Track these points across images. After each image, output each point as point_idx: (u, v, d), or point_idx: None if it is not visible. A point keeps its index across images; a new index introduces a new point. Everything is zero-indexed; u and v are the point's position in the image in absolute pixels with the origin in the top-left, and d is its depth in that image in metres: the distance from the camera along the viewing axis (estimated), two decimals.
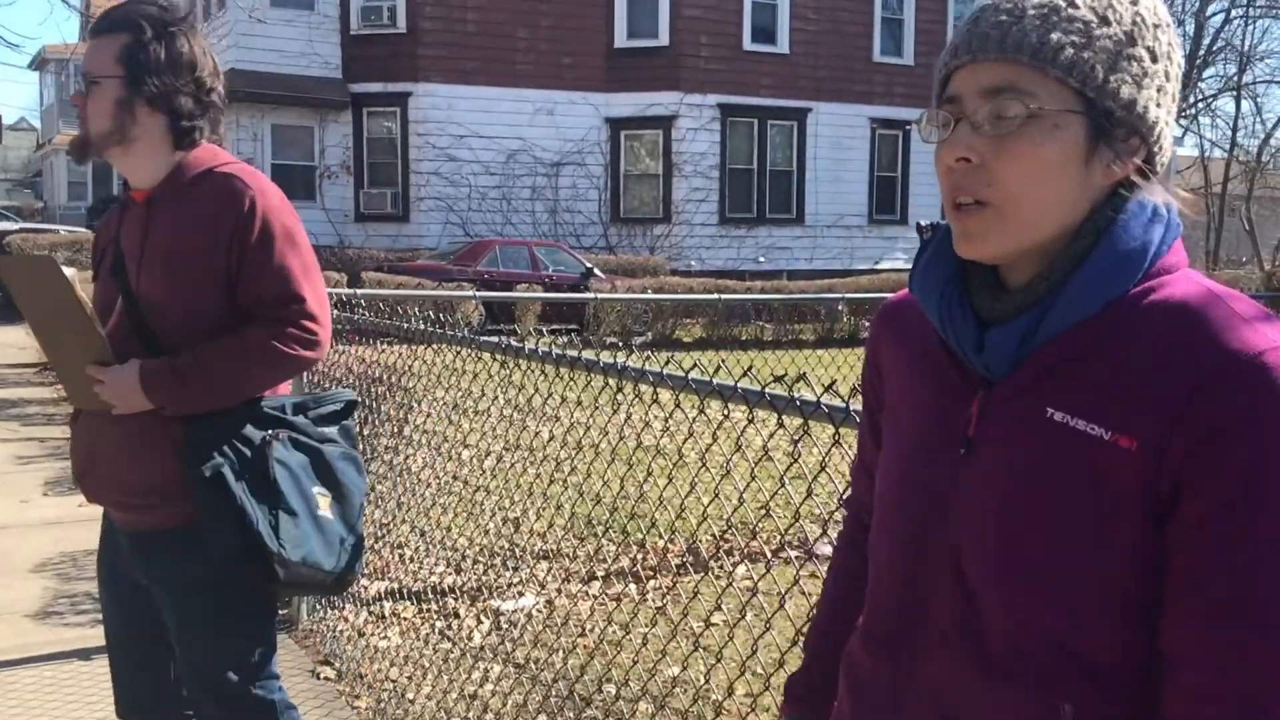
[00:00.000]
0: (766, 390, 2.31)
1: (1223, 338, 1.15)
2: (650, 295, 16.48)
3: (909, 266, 1.42)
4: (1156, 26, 1.25)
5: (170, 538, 2.64)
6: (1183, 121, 40.65)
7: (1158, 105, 1.24)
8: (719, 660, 3.32)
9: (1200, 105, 41.70)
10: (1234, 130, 39.02)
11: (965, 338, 1.29)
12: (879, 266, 26.03)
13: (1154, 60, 1.24)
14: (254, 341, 2.61)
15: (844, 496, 1.81)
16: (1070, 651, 1.21)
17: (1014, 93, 1.21)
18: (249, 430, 2.63)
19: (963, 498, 1.28)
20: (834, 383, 2.23)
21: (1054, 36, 1.20)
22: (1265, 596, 1.11)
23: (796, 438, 2.21)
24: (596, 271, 19.69)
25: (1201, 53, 40.03)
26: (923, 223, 1.39)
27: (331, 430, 2.80)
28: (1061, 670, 1.21)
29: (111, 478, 2.66)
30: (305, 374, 5.18)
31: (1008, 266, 1.30)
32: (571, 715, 4.14)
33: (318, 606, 5.22)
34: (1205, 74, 40.98)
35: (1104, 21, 1.22)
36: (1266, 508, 1.11)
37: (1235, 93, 39.65)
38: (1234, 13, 39.70)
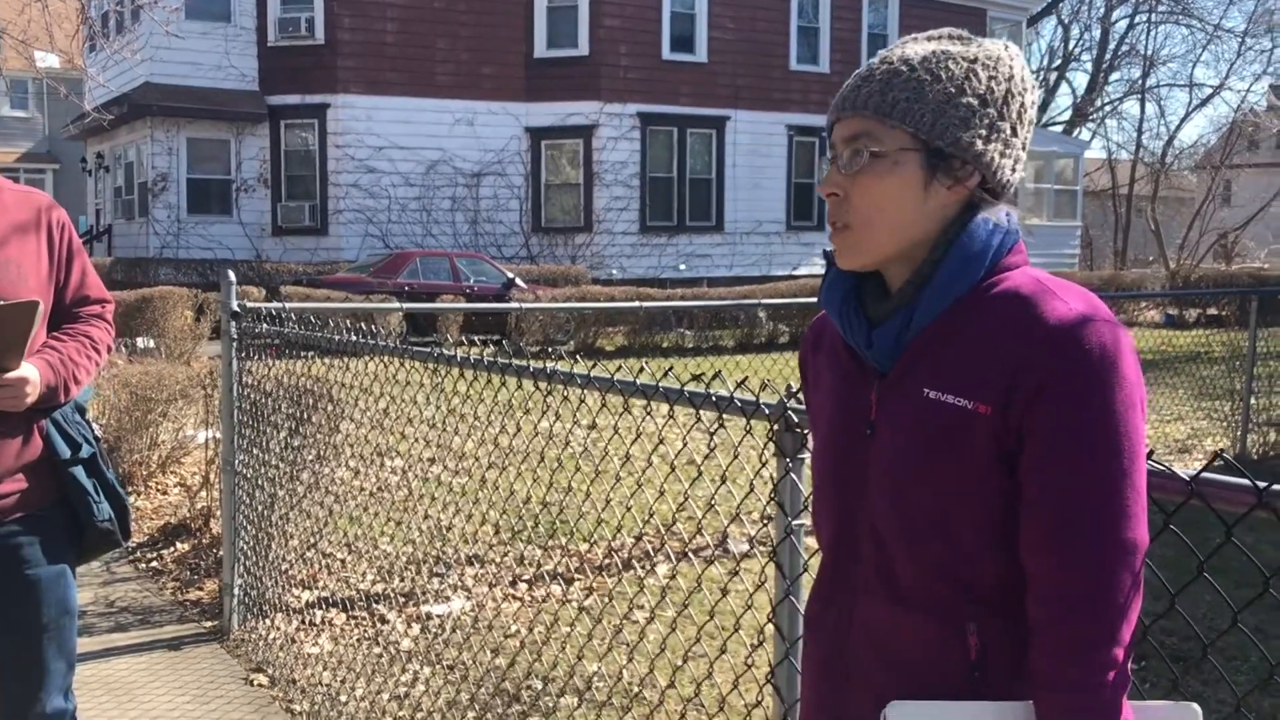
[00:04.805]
0: (686, 389, 2.46)
1: (1043, 318, 1.47)
2: (573, 304, 16.57)
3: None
4: (992, 78, 1.57)
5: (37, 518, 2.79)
6: (1090, 125, 41.62)
7: (986, 140, 1.56)
8: (635, 649, 3.46)
9: (1107, 108, 42.71)
10: (1139, 132, 40.03)
11: (859, 337, 1.60)
12: (797, 272, 26.31)
13: (984, 105, 1.56)
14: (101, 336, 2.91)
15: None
16: (964, 584, 1.53)
17: (865, 138, 1.57)
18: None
19: (872, 469, 1.59)
20: (745, 379, 2.39)
21: (890, 95, 1.55)
22: (1082, 520, 1.44)
23: (712, 430, 2.36)
24: (518, 281, 19.72)
25: (1108, 57, 41.02)
26: (828, 249, 1.68)
27: None
28: (959, 599, 1.53)
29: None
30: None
31: (889, 276, 1.61)
32: (500, 710, 4.26)
33: (249, 616, 5.27)
34: (1111, 78, 42.02)
35: (935, 79, 1.56)
36: (1080, 449, 1.44)
37: (1140, 96, 40.69)
38: (1138, 18, 40.73)
